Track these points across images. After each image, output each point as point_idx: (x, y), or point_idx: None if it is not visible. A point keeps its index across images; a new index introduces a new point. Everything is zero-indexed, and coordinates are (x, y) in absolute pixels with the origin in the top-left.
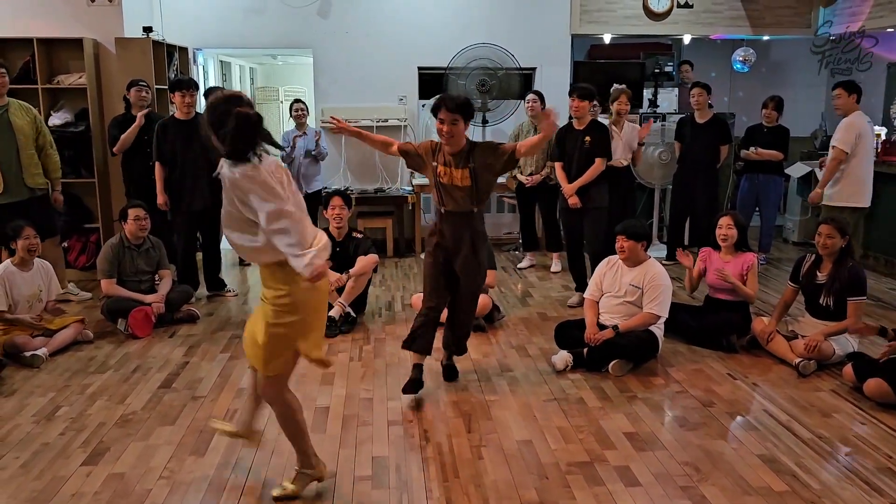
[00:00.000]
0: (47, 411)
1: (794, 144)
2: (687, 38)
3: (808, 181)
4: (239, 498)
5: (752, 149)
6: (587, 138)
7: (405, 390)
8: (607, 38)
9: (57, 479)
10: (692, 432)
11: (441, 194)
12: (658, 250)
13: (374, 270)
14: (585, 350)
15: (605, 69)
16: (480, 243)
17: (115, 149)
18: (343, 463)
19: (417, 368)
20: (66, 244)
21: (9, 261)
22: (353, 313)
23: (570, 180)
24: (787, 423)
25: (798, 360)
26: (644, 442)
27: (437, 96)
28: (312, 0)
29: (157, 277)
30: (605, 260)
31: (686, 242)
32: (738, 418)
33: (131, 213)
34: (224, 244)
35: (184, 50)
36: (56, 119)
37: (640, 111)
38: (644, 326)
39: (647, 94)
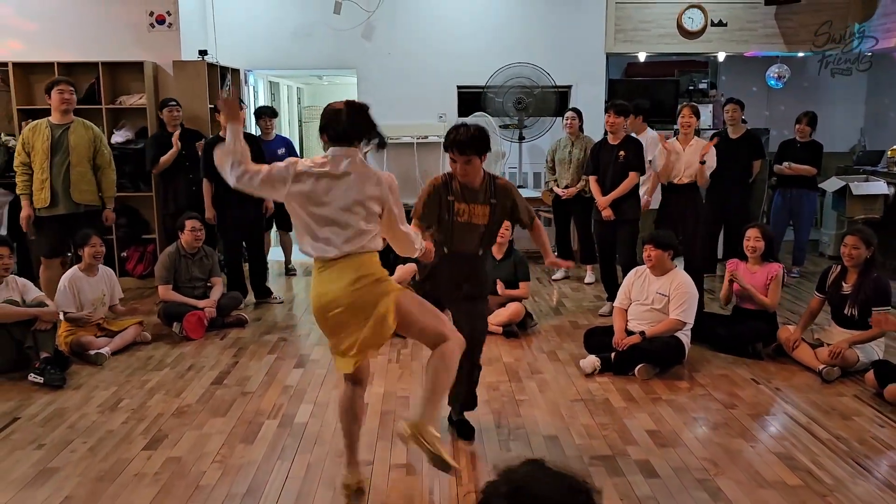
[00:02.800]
0: (111, 403)
1: (832, 159)
2: (721, 56)
3: (842, 195)
4: (284, 481)
5: (785, 164)
6: (621, 153)
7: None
8: (642, 57)
9: (121, 462)
10: (713, 431)
11: (451, 234)
12: None
13: (414, 279)
14: (613, 354)
15: (639, 86)
16: (485, 290)
17: (153, 170)
18: (380, 452)
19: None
20: (124, 254)
21: (76, 267)
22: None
23: (604, 194)
24: (806, 425)
25: (822, 366)
26: (665, 439)
27: (450, 130)
28: (357, 23)
29: (209, 284)
30: (634, 269)
31: (720, 256)
32: (759, 419)
33: (188, 224)
34: (272, 255)
35: (236, 71)
36: (118, 137)
37: (675, 127)
38: (670, 332)
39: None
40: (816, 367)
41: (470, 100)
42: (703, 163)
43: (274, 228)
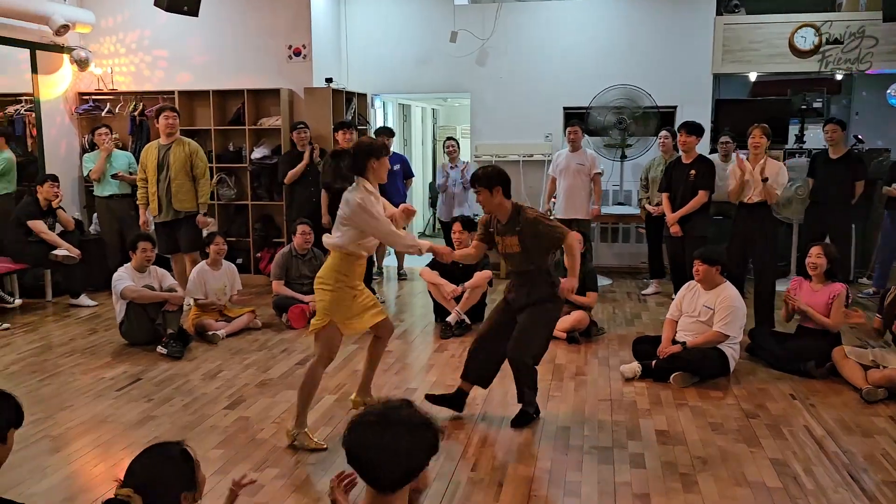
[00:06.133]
0: (212, 373)
1: None
2: (839, 75)
3: None
4: (325, 439)
5: (894, 185)
6: (692, 171)
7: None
8: (753, 77)
9: (203, 416)
10: (721, 435)
11: (502, 257)
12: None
13: (490, 284)
14: (654, 362)
15: (747, 107)
16: (539, 307)
17: (284, 180)
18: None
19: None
20: (258, 254)
21: (204, 262)
22: (467, 320)
23: (675, 210)
24: (819, 438)
25: (866, 386)
26: (670, 438)
27: None
28: (472, 50)
29: None
30: (687, 284)
31: None
32: (773, 429)
33: (299, 228)
34: (387, 261)
35: (363, 96)
36: (257, 153)
37: (786, 147)
38: (711, 344)
39: (793, 130)
40: (863, 387)
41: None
42: (765, 180)
43: None
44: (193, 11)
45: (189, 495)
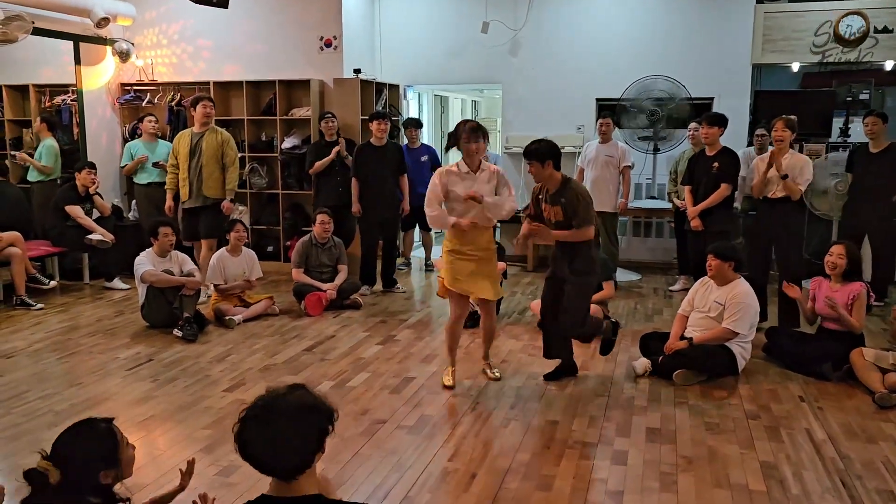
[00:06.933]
0: (221, 356)
1: None
2: (889, 65)
3: None
4: None
5: None
6: (715, 164)
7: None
8: (795, 67)
9: (201, 398)
10: (714, 436)
11: (549, 226)
12: None
13: (504, 276)
14: (660, 358)
15: (789, 98)
16: (578, 282)
17: (310, 171)
18: (397, 415)
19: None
20: (288, 242)
21: (224, 248)
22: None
23: (697, 204)
24: (819, 443)
25: (882, 390)
26: (660, 437)
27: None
28: (504, 41)
29: (336, 270)
30: (700, 279)
31: (867, 278)
32: (772, 431)
33: (318, 217)
34: (415, 252)
35: (395, 86)
36: (287, 143)
37: (829, 140)
38: (719, 341)
39: (837, 123)
40: (879, 391)
41: (608, 111)
42: (784, 177)
43: (417, 228)
44: (223, 3)
45: (110, 473)
